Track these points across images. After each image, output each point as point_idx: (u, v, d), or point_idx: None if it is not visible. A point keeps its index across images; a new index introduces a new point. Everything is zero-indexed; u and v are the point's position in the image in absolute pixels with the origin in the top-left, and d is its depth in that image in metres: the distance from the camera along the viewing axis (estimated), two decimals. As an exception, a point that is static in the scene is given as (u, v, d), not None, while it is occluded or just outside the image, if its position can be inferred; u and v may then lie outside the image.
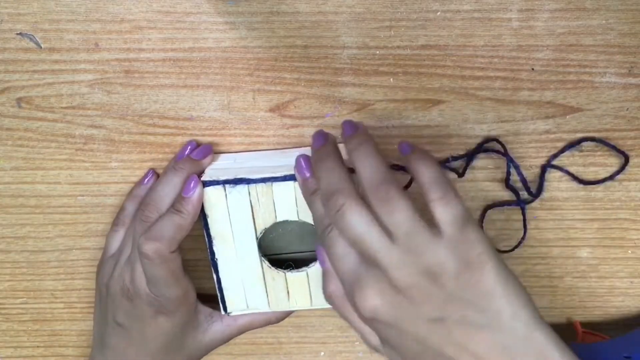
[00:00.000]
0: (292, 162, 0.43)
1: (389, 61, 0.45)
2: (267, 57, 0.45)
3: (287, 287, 0.46)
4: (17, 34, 0.45)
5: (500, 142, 0.47)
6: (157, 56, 0.45)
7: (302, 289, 0.46)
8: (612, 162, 0.48)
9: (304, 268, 0.46)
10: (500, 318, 0.35)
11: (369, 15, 0.44)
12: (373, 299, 0.36)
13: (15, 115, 0.47)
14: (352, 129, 0.42)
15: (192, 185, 0.44)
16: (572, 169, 0.48)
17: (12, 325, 0.53)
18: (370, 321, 0.37)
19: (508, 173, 0.47)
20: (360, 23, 0.44)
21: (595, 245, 0.50)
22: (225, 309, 0.48)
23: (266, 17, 0.44)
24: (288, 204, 0.44)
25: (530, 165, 0.48)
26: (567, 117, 0.46)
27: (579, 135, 0.47)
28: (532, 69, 0.45)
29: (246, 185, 0.43)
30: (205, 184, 0.43)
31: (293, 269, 0.46)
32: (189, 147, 0.47)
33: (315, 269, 0.45)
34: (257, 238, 0.45)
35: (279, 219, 0.44)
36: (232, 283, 0.47)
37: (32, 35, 0.45)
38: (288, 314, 0.50)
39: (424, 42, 0.45)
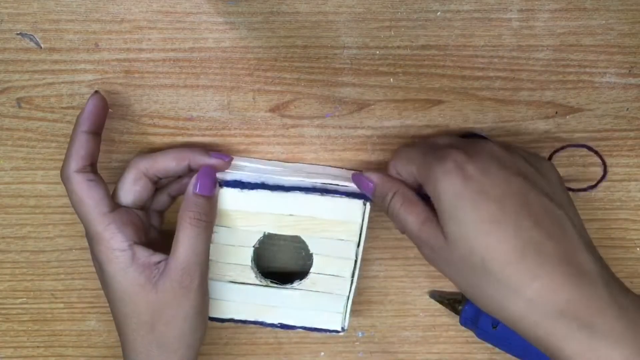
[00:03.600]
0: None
1: (389, 61, 0.45)
2: (267, 57, 0.45)
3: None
4: (17, 34, 0.45)
5: None
6: (157, 56, 0.45)
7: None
8: (612, 162, 0.48)
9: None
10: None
11: (369, 15, 0.44)
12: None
13: (15, 115, 0.47)
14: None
15: None
16: (571, 170, 0.48)
17: (12, 325, 0.53)
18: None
19: None
20: (360, 23, 0.44)
21: (596, 245, 0.50)
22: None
23: (266, 17, 0.44)
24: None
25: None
26: (567, 117, 0.47)
27: (579, 135, 0.47)
28: (533, 70, 0.45)
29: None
30: None
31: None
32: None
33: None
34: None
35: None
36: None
37: (32, 35, 0.45)
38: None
39: (424, 42, 0.45)
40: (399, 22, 0.44)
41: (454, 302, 0.51)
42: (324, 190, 0.44)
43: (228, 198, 0.44)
